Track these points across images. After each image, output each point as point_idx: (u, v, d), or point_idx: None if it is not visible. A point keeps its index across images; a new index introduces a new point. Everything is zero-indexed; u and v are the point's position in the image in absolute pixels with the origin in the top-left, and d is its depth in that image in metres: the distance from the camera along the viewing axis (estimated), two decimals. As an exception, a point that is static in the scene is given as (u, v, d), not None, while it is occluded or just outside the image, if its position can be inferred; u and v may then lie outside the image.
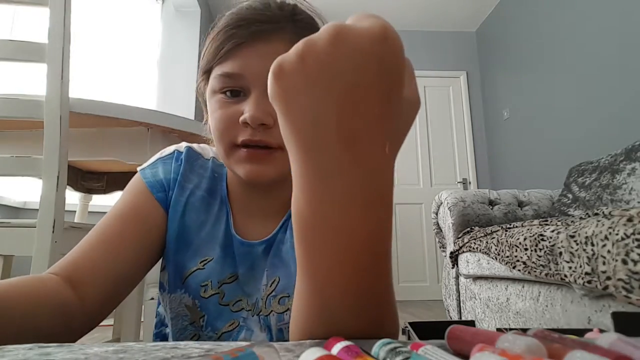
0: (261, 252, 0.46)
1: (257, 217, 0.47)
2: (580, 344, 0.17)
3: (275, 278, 0.45)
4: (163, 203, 0.46)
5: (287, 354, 0.21)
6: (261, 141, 0.39)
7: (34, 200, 2.34)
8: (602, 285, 0.77)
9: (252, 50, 0.40)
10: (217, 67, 0.42)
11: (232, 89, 0.41)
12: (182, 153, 0.50)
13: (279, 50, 0.39)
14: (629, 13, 2.06)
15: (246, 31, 0.40)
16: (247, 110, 0.39)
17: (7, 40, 0.80)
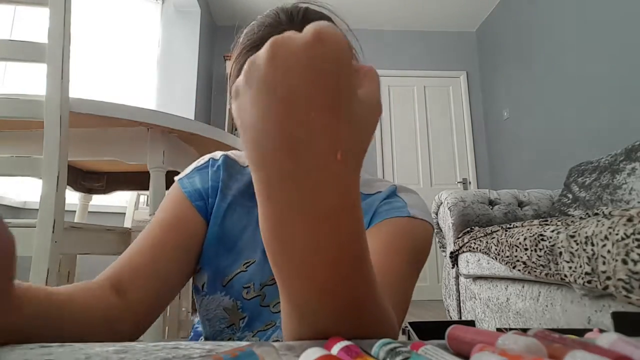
0: None
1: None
2: (580, 344, 0.17)
3: None
4: (202, 211, 0.48)
5: (288, 353, 0.21)
6: None
7: (34, 200, 2.34)
8: (602, 285, 0.77)
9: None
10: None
11: None
12: (217, 161, 0.51)
13: None
14: (629, 13, 2.06)
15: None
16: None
17: (7, 40, 0.80)
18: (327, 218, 0.20)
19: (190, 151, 1.27)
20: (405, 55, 3.74)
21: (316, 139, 0.18)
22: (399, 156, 3.55)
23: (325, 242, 0.20)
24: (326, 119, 0.18)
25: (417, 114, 3.65)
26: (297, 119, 0.18)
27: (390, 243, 0.41)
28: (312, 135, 0.18)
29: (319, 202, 0.20)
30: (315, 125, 0.18)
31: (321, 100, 0.18)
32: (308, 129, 0.18)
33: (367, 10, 3.52)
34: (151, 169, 1.05)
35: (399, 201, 0.46)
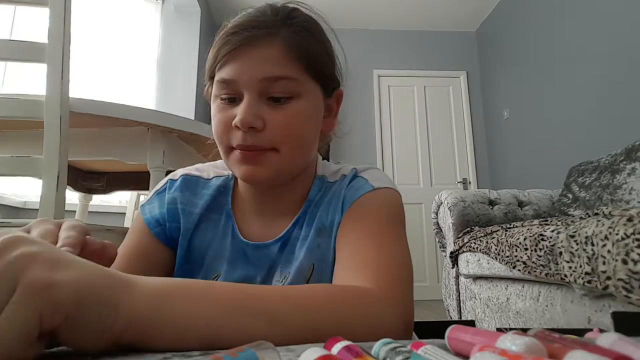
0: (277, 250, 0.47)
1: (269, 217, 0.48)
2: (581, 344, 0.17)
3: (286, 274, 0.46)
4: (161, 238, 0.48)
5: (288, 353, 0.21)
6: (252, 145, 0.41)
7: (34, 200, 2.34)
8: (602, 285, 0.77)
9: (244, 56, 0.41)
10: (217, 73, 0.43)
11: (228, 96, 0.42)
12: (175, 182, 0.51)
13: (270, 54, 0.41)
14: (629, 13, 2.06)
15: (239, 37, 0.41)
16: (238, 114, 0.40)
17: (7, 40, 0.80)
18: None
19: (190, 151, 1.27)
20: (405, 55, 3.73)
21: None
22: (399, 156, 3.55)
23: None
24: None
25: (417, 114, 3.65)
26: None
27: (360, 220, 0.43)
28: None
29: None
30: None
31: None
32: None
33: (367, 10, 3.52)
34: (151, 169, 1.05)
35: (360, 181, 0.47)
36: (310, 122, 0.44)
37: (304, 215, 0.48)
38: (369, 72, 3.67)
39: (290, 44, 0.41)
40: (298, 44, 0.42)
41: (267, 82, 0.41)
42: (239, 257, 0.47)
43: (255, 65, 0.40)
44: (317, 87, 0.45)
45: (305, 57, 0.42)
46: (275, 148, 0.42)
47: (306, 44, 0.43)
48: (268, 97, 0.41)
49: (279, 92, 0.41)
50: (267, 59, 0.41)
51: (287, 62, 0.41)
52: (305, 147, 0.45)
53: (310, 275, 0.45)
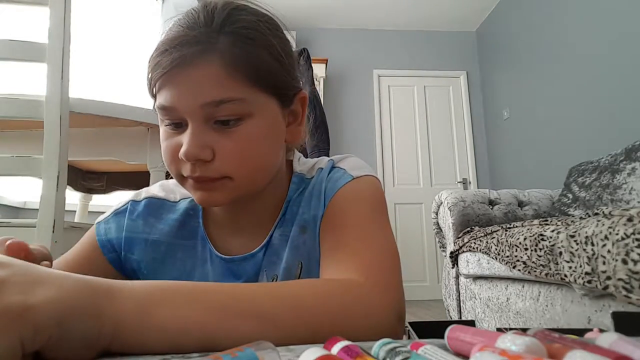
0: (262, 256, 0.45)
1: (249, 230, 0.46)
2: (580, 343, 0.17)
3: (274, 276, 0.44)
4: (115, 263, 0.46)
5: (287, 353, 0.21)
6: (200, 177, 0.37)
7: (34, 200, 2.34)
8: (602, 285, 0.77)
9: (178, 79, 0.35)
10: (157, 95, 0.38)
11: (173, 122, 0.38)
12: (138, 205, 0.47)
13: (208, 75, 0.35)
14: (629, 13, 2.06)
15: (168, 58, 0.35)
16: (183, 146, 0.36)
17: (7, 40, 0.80)
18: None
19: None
20: (405, 55, 3.73)
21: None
22: (399, 156, 3.55)
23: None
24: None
25: (417, 114, 3.65)
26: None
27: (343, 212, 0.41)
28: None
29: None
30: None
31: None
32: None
33: (367, 10, 3.52)
34: (151, 169, 1.05)
35: (338, 171, 0.46)
36: (265, 141, 0.39)
37: (284, 215, 0.46)
38: (369, 72, 3.67)
39: (230, 59, 0.35)
40: (240, 57, 0.36)
41: (209, 107, 0.35)
42: (225, 275, 0.45)
43: (192, 90, 0.35)
44: (272, 100, 0.39)
45: (250, 71, 0.36)
46: (227, 176, 0.38)
47: (250, 55, 0.37)
48: (215, 122, 0.36)
49: (224, 116, 0.36)
50: (205, 80, 0.35)
51: (229, 81, 0.35)
52: (263, 169, 0.41)
53: (299, 273, 0.44)
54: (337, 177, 0.45)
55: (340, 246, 0.38)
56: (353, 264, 0.35)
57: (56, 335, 0.20)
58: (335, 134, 3.47)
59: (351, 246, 0.37)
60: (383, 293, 0.33)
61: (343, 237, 0.39)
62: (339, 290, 0.31)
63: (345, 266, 0.35)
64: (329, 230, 0.41)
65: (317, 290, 0.31)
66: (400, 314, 0.33)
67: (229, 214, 0.46)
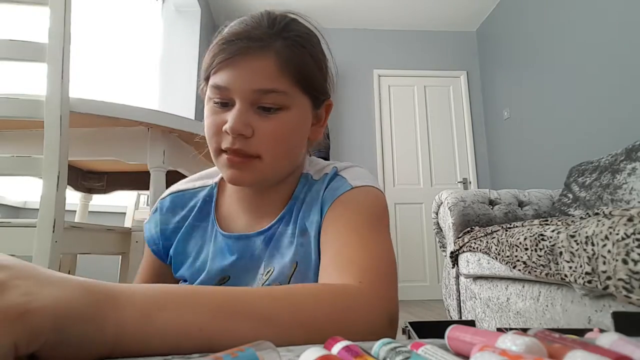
0: (260, 243, 0.49)
1: (255, 214, 0.51)
2: (581, 344, 0.17)
3: (271, 269, 0.47)
4: (158, 254, 0.54)
5: (288, 353, 0.21)
6: (239, 150, 0.43)
7: (34, 200, 2.34)
8: (602, 285, 0.77)
9: (238, 66, 0.42)
10: (212, 77, 0.44)
11: (221, 100, 0.44)
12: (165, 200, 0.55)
13: (263, 66, 0.42)
14: (629, 13, 2.06)
15: (234, 47, 0.42)
16: (229, 121, 0.42)
17: (7, 40, 0.80)
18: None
19: (190, 151, 1.27)
20: (405, 55, 3.73)
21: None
22: (399, 156, 3.55)
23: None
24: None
25: (417, 114, 3.65)
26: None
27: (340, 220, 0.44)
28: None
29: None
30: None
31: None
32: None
33: (367, 10, 3.52)
34: (151, 169, 1.05)
35: (339, 180, 0.49)
36: (296, 132, 0.46)
37: (290, 212, 0.50)
38: (369, 72, 3.67)
39: (283, 58, 0.43)
40: (291, 59, 0.43)
41: (258, 94, 0.42)
42: (222, 251, 0.49)
43: (248, 76, 0.42)
44: (307, 100, 0.46)
45: (296, 72, 0.44)
46: (259, 155, 0.44)
47: (299, 59, 0.44)
48: (258, 106, 0.43)
49: (268, 103, 0.43)
50: (260, 71, 0.42)
51: (278, 76, 0.43)
52: (290, 155, 0.47)
53: (292, 273, 0.46)
54: (337, 186, 0.48)
55: (337, 253, 0.40)
56: (349, 271, 0.37)
57: (53, 340, 0.20)
58: (335, 133, 3.47)
59: (347, 253, 0.39)
60: (376, 298, 0.34)
61: (340, 244, 0.41)
62: (334, 294, 0.33)
63: (342, 273, 0.37)
64: (327, 237, 0.44)
65: (313, 293, 0.32)
66: (392, 319, 0.35)
67: (242, 198, 0.51)
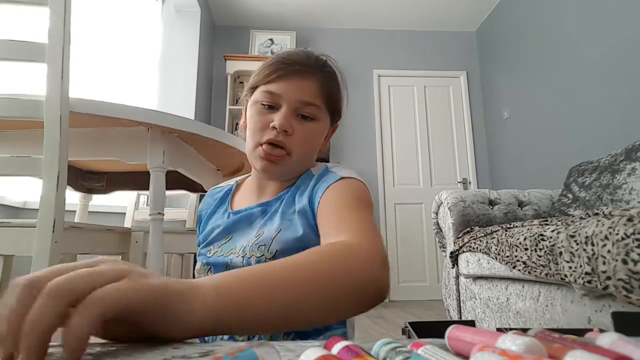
0: (259, 213, 0.61)
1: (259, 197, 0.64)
2: (581, 344, 0.17)
3: (261, 232, 0.58)
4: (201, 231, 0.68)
5: (288, 353, 0.21)
6: (280, 142, 0.56)
7: (34, 200, 2.34)
8: (602, 285, 0.77)
9: (291, 81, 0.57)
10: (263, 85, 0.58)
11: (269, 104, 0.57)
12: (207, 193, 0.72)
13: (309, 86, 0.58)
14: (629, 13, 2.06)
15: (291, 68, 0.57)
16: (277, 119, 0.55)
17: (7, 40, 0.80)
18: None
19: (190, 151, 1.27)
20: (405, 55, 3.73)
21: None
22: (399, 156, 3.55)
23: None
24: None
25: (417, 114, 3.65)
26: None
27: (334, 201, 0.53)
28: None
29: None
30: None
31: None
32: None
33: (367, 10, 3.52)
34: (151, 169, 1.05)
35: (330, 174, 0.59)
36: (318, 139, 0.61)
37: (287, 194, 0.61)
38: (369, 72, 3.67)
39: (321, 83, 0.59)
40: (326, 86, 0.59)
41: (301, 104, 0.57)
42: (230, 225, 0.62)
43: (297, 90, 0.57)
44: (328, 118, 0.62)
45: (328, 96, 0.60)
46: (291, 153, 0.57)
47: (331, 87, 0.61)
48: (298, 114, 0.57)
49: (307, 113, 0.58)
50: (306, 88, 0.58)
51: (317, 95, 0.58)
52: (310, 156, 0.62)
53: (275, 235, 0.56)
54: (328, 178, 0.58)
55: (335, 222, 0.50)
56: (346, 231, 0.46)
57: (154, 311, 0.26)
58: (335, 134, 3.47)
59: (343, 221, 0.49)
60: (372, 245, 0.44)
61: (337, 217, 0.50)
62: (342, 247, 0.42)
63: (340, 233, 0.46)
64: (325, 214, 0.53)
65: (327, 249, 0.41)
66: (385, 260, 0.43)
67: (256, 187, 0.64)
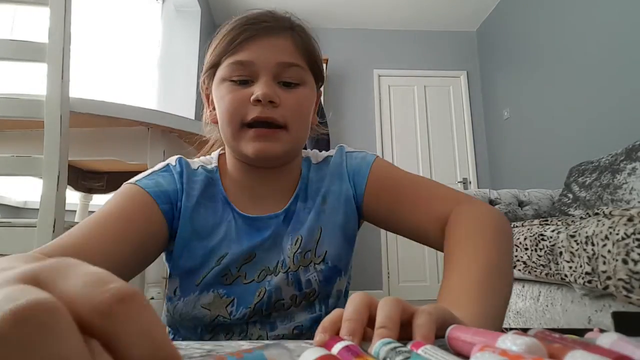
0: (282, 221, 0.50)
1: (268, 199, 0.52)
2: (581, 344, 0.17)
3: (298, 237, 0.50)
4: (167, 215, 0.46)
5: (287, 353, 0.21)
6: (270, 117, 0.45)
7: (34, 200, 2.34)
8: (602, 285, 0.77)
9: (262, 42, 0.46)
10: (228, 58, 0.47)
11: (241, 78, 0.46)
12: (176, 165, 0.51)
13: (284, 44, 0.47)
14: (629, 13, 2.06)
15: (257, 26, 0.46)
16: (259, 89, 0.44)
17: (7, 40, 0.80)
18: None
19: (190, 151, 1.27)
20: (405, 55, 3.73)
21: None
22: (399, 156, 3.55)
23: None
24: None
25: (417, 114, 3.65)
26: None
27: (393, 175, 0.52)
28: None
29: None
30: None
31: None
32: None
33: (367, 10, 3.52)
34: (151, 169, 1.05)
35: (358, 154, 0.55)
36: (310, 107, 0.51)
37: (303, 190, 0.53)
38: (369, 72, 3.67)
39: (298, 40, 0.49)
40: (303, 42, 0.50)
41: (281, 67, 0.46)
42: (245, 233, 0.49)
43: (272, 51, 0.46)
44: (313, 81, 0.51)
45: (308, 52, 0.50)
46: (286, 126, 0.46)
47: (309, 43, 0.51)
48: (279, 82, 0.47)
49: (290, 78, 0.47)
50: (282, 47, 0.47)
51: (297, 54, 0.48)
52: (307, 129, 0.51)
53: (319, 236, 0.50)
54: (361, 157, 0.54)
55: (424, 190, 0.49)
56: (453, 194, 0.48)
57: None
58: (335, 133, 3.47)
59: (436, 192, 0.49)
60: (487, 206, 0.47)
61: (426, 190, 0.49)
62: (489, 220, 0.44)
63: (446, 201, 0.47)
64: (397, 187, 0.50)
65: (487, 230, 0.43)
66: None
67: (250, 185, 0.52)
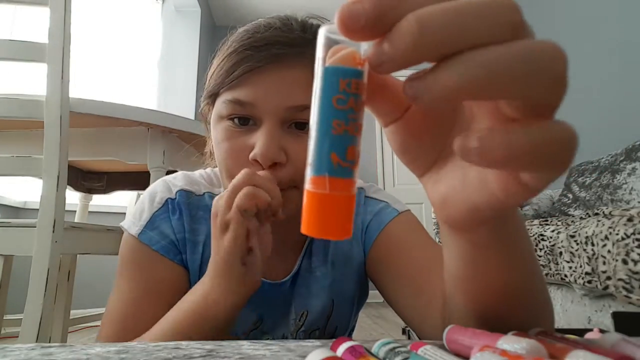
0: (288, 288, 0.43)
1: (275, 256, 0.41)
2: (581, 344, 0.17)
3: (304, 312, 0.42)
4: (182, 262, 0.41)
5: (288, 353, 0.21)
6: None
7: (34, 200, 2.34)
8: (602, 285, 0.77)
9: (268, 77, 0.34)
10: (228, 91, 0.36)
11: (242, 116, 0.36)
12: (175, 200, 0.42)
13: (298, 78, 0.34)
14: (629, 13, 2.06)
15: (264, 54, 0.34)
16: (258, 147, 0.34)
17: (7, 40, 0.80)
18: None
19: (190, 151, 1.27)
20: (405, 55, 3.73)
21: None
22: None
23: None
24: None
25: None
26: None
27: (405, 241, 0.41)
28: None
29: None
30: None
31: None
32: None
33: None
34: (151, 169, 1.05)
35: (379, 204, 0.44)
36: None
37: (311, 244, 0.44)
38: (369, 72, 3.67)
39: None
40: None
41: (293, 111, 0.35)
42: (253, 297, 0.39)
43: (282, 91, 0.34)
44: None
45: None
46: (296, 185, 0.36)
47: None
48: (290, 125, 0.36)
49: (304, 118, 0.35)
50: (297, 83, 0.34)
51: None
52: None
53: (331, 312, 0.42)
54: (379, 210, 0.43)
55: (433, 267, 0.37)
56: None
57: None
58: (335, 133, 3.47)
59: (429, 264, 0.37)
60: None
61: (430, 261, 0.38)
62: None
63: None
64: (406, 249, 0.40)
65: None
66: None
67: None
